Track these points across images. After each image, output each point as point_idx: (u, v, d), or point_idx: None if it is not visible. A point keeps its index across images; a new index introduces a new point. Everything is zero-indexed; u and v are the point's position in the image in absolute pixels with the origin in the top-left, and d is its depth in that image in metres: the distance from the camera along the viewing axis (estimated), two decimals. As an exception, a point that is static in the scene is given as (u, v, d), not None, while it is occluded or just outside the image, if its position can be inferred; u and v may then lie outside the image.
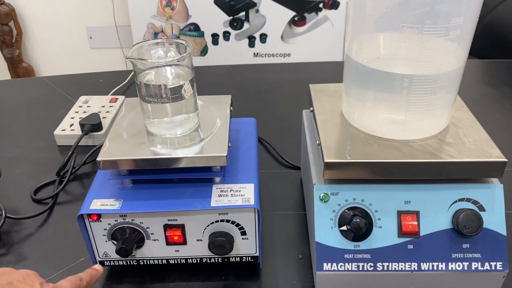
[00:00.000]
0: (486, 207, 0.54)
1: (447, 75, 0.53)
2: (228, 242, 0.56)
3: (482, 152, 0.53)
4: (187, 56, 0.55)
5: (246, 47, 2.12)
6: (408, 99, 0.53)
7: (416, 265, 0.54)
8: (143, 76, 0.56)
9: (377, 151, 0.55)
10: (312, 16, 2.05)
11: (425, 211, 0.54)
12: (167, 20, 2.07)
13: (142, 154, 0.55)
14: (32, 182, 0.80)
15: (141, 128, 0.60)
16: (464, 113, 0.61)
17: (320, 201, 0.55)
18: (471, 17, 0.50)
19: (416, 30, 0.49)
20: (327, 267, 0.54)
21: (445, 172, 0.53)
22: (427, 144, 0.55)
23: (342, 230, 0.54)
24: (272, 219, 0.71)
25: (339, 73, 0.63)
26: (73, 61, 2.39)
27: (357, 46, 0.56)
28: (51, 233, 0.70)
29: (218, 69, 1.22)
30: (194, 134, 0.59)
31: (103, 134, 0.89)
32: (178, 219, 0.56)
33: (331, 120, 0.61)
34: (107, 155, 0.55)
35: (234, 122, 0.71)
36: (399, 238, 0.54)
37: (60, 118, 0.95)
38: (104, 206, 0.55)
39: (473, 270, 0.54)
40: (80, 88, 1.13)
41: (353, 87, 0.58)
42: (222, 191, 0.57)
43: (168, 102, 0.56)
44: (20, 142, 0.92)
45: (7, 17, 2.20)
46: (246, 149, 0.65)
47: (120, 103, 0.98)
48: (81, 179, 0.82)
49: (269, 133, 0.91)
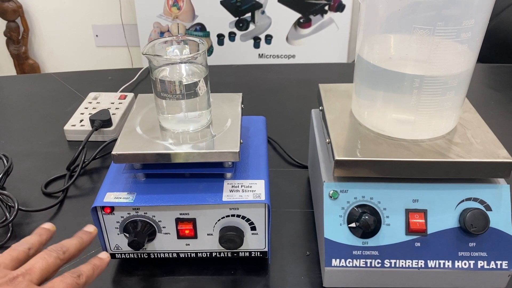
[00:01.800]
0: (493, 207, 0.55)
1: (457, 76, 0.54)
2: (239, 237, 0.57)
3: (490, 152, 0.54)
4: (202, 53, 0.56)
5: (251, 48, 2.13)
6: (418, 99, 0.54)
7: (423, 262, 0.55)
8: (158, 73, 0.57)
9: (387, 150, 0.56)
10: (318, 18, 2.06)
11: (432, 210, 0.55)
12: (174, 20, 2.08)
13: (156, 148, 0.56)
14: (43, 176, 0.81)
15: (154, 123, 0.61)
16: (471, 115, 0.63)
17: (329, 198, 0.56)
18: (482, 19, 0.51)
19: (428, 32, 0.50)
20: (336, 263, 0.55)
21: (453, 172, 0.54)
22: (436, 144, 0.56)
23: (350, 227, 0.55)
24: (279, 216, 0.72)
25: (345, 74, 0.64)
26: (79, 58, 2.41)
27: (368, 46, 0.57)
28: (61, 226, 0.71)
29: (225, 68, 1.24)
30: (207, 130, 0.60)
31: (112, 130, 0.90)
32: (190, 213, 0.57)
33: (341, 119, 0.62)
34: (121, 148, 0.56)
35: (244, 120, 0.72)
36: (406, 235, 0.55)
37: (70, 113, 0.96)
38: (117, 199, 0.56)
39: (479, 268, 0.55)
40: (89, 84, 1.14)
41: (364, 87, 0.59)
42: (234, 187, 0.58)
43: (183, 99, 0.57)
44: (30, 137, 0.94)
45: (14, 14, 2.22)
46: (256, 146, 0.66)
47: (130, 100, 0.99)
48: (91, 174, 0.83)
49: (276, 132, 0.92)
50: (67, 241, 0.49)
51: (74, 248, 0.48)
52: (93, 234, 0.52)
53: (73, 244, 0.49)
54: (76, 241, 0.49)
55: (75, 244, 0.49)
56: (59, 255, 0.46)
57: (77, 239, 0.50)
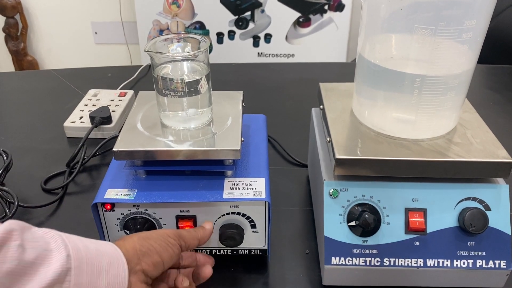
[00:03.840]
0: (492, 207, 0.55)
1: (457, 76, 0.54)
2: (239, 234, 0.57)
3: (489, 152, 0.55)
4: (203, 51, 0.57)
5: (251, 46, 2.13)
6: (419, 99, 0.55)
7: (422, 261, 0.55)
8: (160, 70, 0.57)
9: (387, 149, 0.56)
10: (317, 17, 2.06)
11: (432, 209, 0.56)
12: (173, 18, 2.08)
13: (157, 145, 0.56)
14: (42, 172, 0.81)
15: (155, 120, 0.61)
16: (471, 115, 0.63)
17: (329, 196, 0.56)
18: (484, 20, 0.51)
19: (430, 32, 0.50)
20: (335, 261, 0.56)
21: (452, 171, 0.54)
22: (436, 143, 0.57)
23: (350, 226, 0.56)
24: (279, 214, 0.72)
25: (344, 74, 0.64)
26: (78, 55, 2.40)
27: (370, 45, 0.57)
28: (61, 222, 0.71)
29: (225, 66, 1.24)
30: (208, 128, 0.60)
31: (112, 127, 0.90)
32: (190, 211, 0.57)
33: (341, 118, 0.63)
34: (122, 145, 0.56)
35: (244, 118, 0.72)
36: (406, 234, 0.55)
37: (69, 110, 0.96)
38: (118, 196, 0.56)
39: (478, 267, 0.55)
40: (88, 81, 1.14)
41: (365, 86, 0.60)
42: (234, 184, 0.58)
43: (184, 96, 0.57)
44: (30, 133, 0.93)
45: (13, 10, 2.21)
46: (256, 145, 0.66)
47: (129, 97, 0.99)
48: (90, 171, 0.83)
49: (276, 131, 0.92)
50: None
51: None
52: (206, 229, 0.55)
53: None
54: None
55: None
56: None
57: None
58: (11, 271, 0.36)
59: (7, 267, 0.36)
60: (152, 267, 0.47)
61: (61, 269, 0.39)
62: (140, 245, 0.47)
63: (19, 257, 0.37)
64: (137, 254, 0.46)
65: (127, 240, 0.48)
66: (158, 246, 0.48)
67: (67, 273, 0.39)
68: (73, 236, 0.43)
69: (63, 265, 0.39)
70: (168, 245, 0.49)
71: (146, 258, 0.46)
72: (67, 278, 0.39)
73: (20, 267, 0.37)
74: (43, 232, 0.41)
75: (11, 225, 0.38)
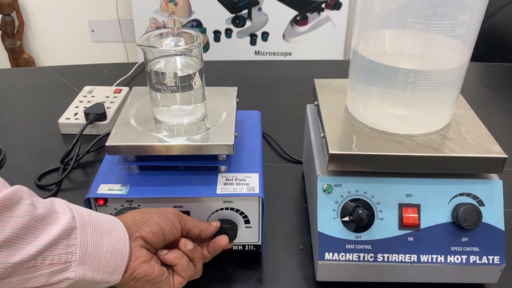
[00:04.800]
0: (486, 202, 0.55)
1: (451, 71, 0.54)
2: (233, 230, 0.57)
3: (483, 148, 0.55)
4: (197, 46, 0.56)
5: (248, 45, 2.12)
6: (412, 94, 0.54)
7: (416, 257, 0.55)
8: (153, 65, 0.57)
9: (381, 144, 0.56)
10: (314, 16, 2.06)
11: (425, 205, 0.55)
12: (170, 16, 2.08)
13: (150, 140, 0.56)
14: (36, 168, 0.81)
15: (148, 116, 0.61)
16: (465, 111, 0.63)
17: (323, 192, 0.56)
18: (477, 14, 0.51)
19: (423, 26, 0.50)
20: (329, 256, 0.56)
21: (446, 167, 0.54)
22: (430, 139, 0.56)
23: (344, 221, 0.56)
24: (273, 210, 0.72)
25: (341, 71, 0.64)
26: (74, 53, 2.40)
27: (364, 41, 0.57)
28: (55, 218, 0.70)
29: (221, 64, 1.23)
30: (201, 123, 0.60)
31: (107, 124, 0.89)
32: (184, 206, 0.57)
33: (336, 114, 0.62)
34: (115, 140, 0.56)
35: (239, 115, 0.72)
36: (399, 230, 0.55)
37: (64, 107, 0.96)
38: (111, 191, 0.56)
39: (471, 263, 0.55)
40: (84, 78, 1.14)
41: (359, 82, 0.60)
42: (228, 180, 0.58)
43: (178, 91, 0.57)
44: (24, 129, 0.93)
45: (10, 8, 2.20)
46: (250, 140, 0.66)
47: (125, 94, 0.99)
48: (84, 167, 0.83)
49: (272, 128, 0.92)
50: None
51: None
52: (211, 224, 0.56)
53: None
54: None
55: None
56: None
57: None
58: (25, 225, 0.40)
59: (21, 221, 0.40)
60: (152, 234, 0.50)
61: (67, 227, 0.43)
62: (140, 216, 0.51)
63: (31, 213, 0.41)
64: (137, 223, 0.50)
65: (127, 214, 0.52)
66: (158, 218, 0.51)
67: (73, 231, 0.43)
68: (76, 205, 0.47)
69: (69, 223, 0.43)
70: (168, 219, 0.51)
71: (145, 227, 0.50)
72: (72, 236, 0.43)
73: (32, 222, 0.41)
74: (49, 199, 0.45)
75: (21, 187, 0.43)
